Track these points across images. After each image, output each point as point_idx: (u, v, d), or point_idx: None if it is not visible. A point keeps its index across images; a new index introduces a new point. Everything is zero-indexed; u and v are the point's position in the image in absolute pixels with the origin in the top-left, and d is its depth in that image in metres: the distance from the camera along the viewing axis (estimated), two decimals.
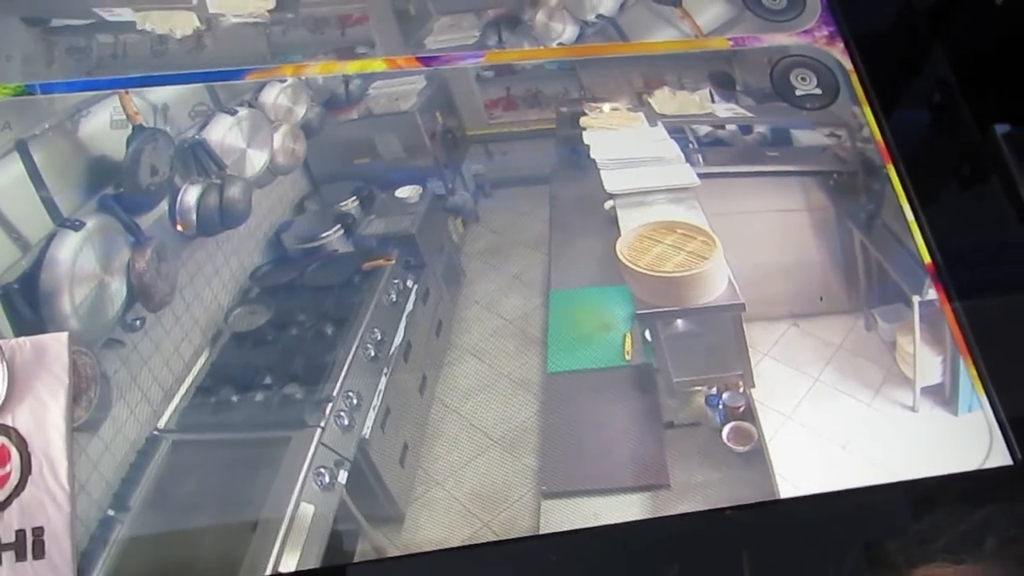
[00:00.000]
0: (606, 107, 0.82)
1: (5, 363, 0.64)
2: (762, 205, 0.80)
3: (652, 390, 0.72)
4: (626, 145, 0.81)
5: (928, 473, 0.69)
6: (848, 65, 0.87)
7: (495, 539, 0.65)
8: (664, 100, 0.83)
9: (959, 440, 0.71)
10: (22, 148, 0.76)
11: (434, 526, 0.65)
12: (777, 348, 0.74)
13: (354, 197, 0.76)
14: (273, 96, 0.80)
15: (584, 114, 0.82)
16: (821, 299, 0.76)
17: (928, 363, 0.74)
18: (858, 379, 0.73)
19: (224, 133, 0.78)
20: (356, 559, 0.64)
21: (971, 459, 0.71)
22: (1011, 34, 0.85)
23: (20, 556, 0.60)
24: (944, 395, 0.73)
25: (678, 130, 0.82)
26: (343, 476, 0.66)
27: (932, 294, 0.77)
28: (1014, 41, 0.85)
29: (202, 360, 0.70)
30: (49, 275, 0.71)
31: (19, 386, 0.65)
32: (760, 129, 0.83)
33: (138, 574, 0.62)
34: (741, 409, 0.71)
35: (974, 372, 0.74)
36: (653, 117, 0.82)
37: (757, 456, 0.69)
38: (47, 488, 0.62)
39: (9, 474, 0.63)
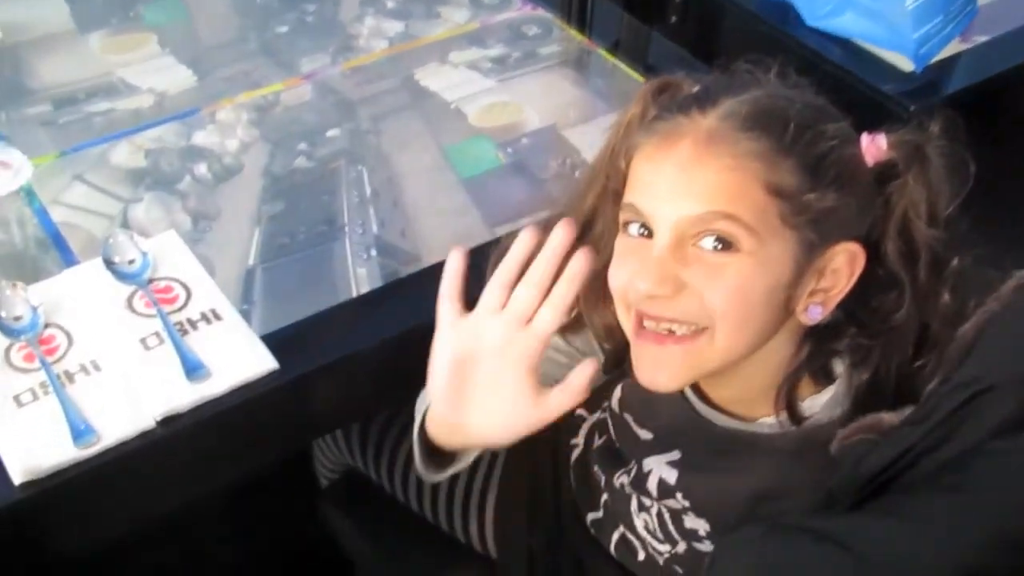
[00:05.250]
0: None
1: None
2: (538, 86, 1.31)
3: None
4: (450, 83, 1.31)
5: None
6: (549, 16, 1.43)
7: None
8: (459, 56, 1.34)
9: None
10: (79, 177, 1.14)
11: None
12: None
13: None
14: (223, 114, 1.23)
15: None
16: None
17: None
18: None
19: (204, 138, 1.20)
20: None
21: None
22: None
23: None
24: None
25: (472, 67, 1.33)
26: (374, 251, 1.06)
27: None
28: None
29: (257, 230, 1.09)
30: (135, 225, 1.08)
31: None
32: (516, 55, 1.36)
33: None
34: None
35: None
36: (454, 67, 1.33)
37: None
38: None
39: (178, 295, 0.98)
